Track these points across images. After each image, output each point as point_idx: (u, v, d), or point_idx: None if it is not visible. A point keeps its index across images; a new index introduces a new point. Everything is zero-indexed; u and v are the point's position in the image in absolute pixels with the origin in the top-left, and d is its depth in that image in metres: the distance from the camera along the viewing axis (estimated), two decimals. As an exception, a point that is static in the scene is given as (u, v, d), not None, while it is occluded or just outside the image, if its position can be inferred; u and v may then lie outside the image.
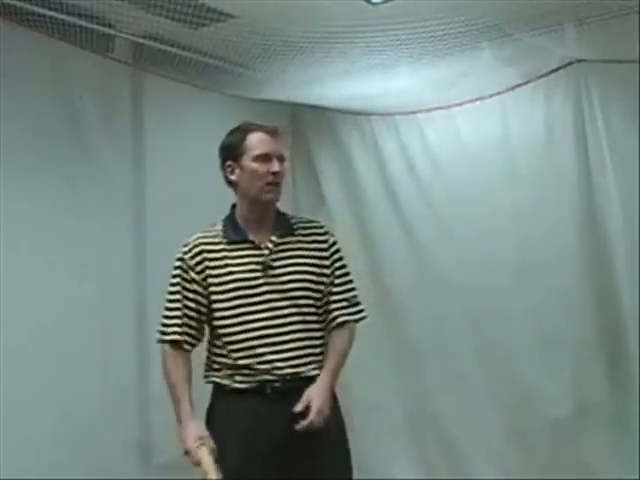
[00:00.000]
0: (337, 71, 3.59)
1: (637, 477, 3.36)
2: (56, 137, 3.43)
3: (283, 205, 2.44)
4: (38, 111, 3.35)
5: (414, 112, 4.19)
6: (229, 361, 2.26)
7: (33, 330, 3.23)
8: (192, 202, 3.85)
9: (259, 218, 2.29)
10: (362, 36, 3.14)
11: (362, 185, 4.41)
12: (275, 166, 2.25)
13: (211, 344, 2.36)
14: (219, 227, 2.34)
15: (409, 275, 4.24)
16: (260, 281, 2.23)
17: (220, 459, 2.17)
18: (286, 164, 2.39)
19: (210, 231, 2.34)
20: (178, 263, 2.34)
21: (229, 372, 2.26)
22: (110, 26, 3.28)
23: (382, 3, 3.16)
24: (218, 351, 2.31)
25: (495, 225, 3.89)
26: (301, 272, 2.26)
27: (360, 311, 2.37)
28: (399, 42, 3.22)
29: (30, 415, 3.17)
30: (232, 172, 2.31)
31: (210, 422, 2.29)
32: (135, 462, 3.58)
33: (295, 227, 2.35)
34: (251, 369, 2.22)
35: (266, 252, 2.25)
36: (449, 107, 4.09)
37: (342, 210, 4.39)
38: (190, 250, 2.32)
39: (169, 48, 3.45)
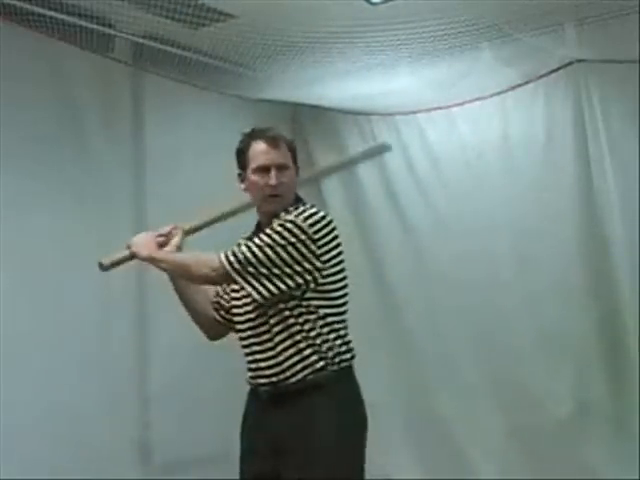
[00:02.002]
0: (337, 71, 3.59)
1: (637, 477, 3.36)
2: (56, 137, 3.43)
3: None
4: (38, 111, 3.35)
5: (414, 112, 4.20)
6: None
7: (33, 330, 3.24)
8: (192, 202, 3.84)
9: (266, 224, 2.27)
10: (362, 36, 3.14)
11: (362, 185, 4.42)
12: (272, 179, 2.20)
13: None
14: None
15: (409, 274, 4.24)
16: (243, 292, 2.21)
17: None
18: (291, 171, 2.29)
19: None
20: None
21: None
22: (110, 26, 3.28)
23: (382, 3, 3.16)
24: None
25: (495, 224, 3.90)
26: None
27: (227, 255, 2.15)
28: (399, 42, 3.22)
29: (29, 415, 3.17)
30: (242, 181, 2.31)
31: None
32: (135, 462, 3.58)
33: None
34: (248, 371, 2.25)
35: None
36: (449, 107, 4.09)
37: (342, 210, 4.40)
38: None
39: (169, 48, 3.45)
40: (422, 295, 4.18)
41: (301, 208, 2.19)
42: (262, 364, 2.17)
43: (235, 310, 2.27)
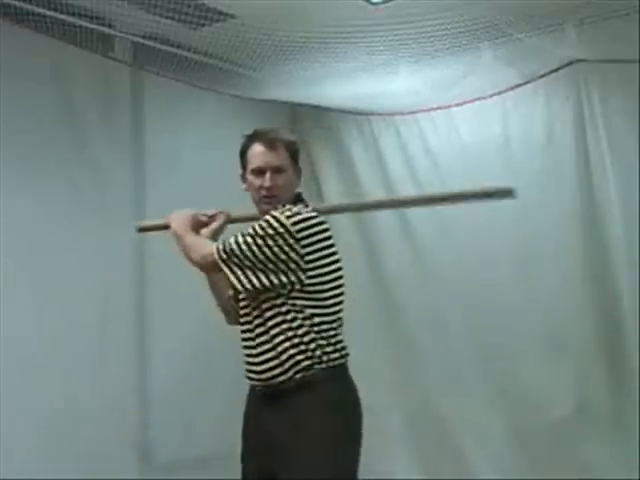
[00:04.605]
0: (337, 71, 3.59)
1: (637, 477, 3.36)
2: (56, 137, 3.43)
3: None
4: (38, 111, 3.36)
5: (414, 112, 4.20)
6: None
7: (32, 329, 3.24)
8: (192, 202, 3.84)
9: None
10: (362, 36, 3.14)
11: (362, 185, 4.42)
12: (266, 181, 2.24)
13: None
14: None
15: (409, 274, 4.24)
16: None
17: None
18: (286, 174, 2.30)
19: None
20: None
21: None
22: (110, 26, 3.28)
23: (382, 3, 3.16)
24: None
25: (495, 224, 3.89)
26: None
27: (217, 246, 2.19)
28: (399, 42, 3.22)
29: (29, 414, 3.17)
30: (243, 181, 2.36)
31: None
32: (135, 462, 3.58)
33: None
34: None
35: None
36: (449, 107, 4.09)
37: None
38: None
39: (169, 48, 3.45)
40: (422, 295, 4.18)
41: (288, 206, 2.21)
42: (253, 360, 2.19)
43: (240, 304, 2.28)
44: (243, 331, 2.24)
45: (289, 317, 2.14)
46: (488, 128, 3.98)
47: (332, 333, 2.18)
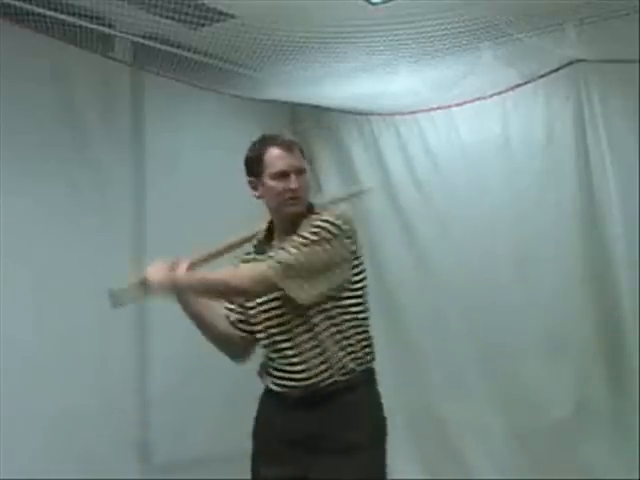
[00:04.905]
0: (337, 71, 3.59)
1: (637, 477, 3.36)
2: (56, 137, 3.43)
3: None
4: (38, 111, 3.35)
5: (414, 112, 4.20)
6: None
7: (32, 329, 3.24)
8: (192, 202, 3.85)
9: (285, 228, 2.28)
10: (362, 36, 3.14)
11: (362, 185, 4.41)
12: (292, 183, 2.23)
13: None
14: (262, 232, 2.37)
15: (409, 274, 4.24)
16: (272, 295, 2.21)
17: None
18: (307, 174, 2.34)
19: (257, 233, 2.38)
20: None
21: None
22: (110, 26, 3.28)
23: (382, 3, 3.16)
24: None
25: (495, 224, 3.90)
26: None
27: (270, 266, 2.12)
28: (399, 42, 3.22)
29: (29, 414, 3.17)
30: (255, 188, 2.31)
31: None
32: (135, 462, 3.57)
33: None
34: None
35: None
36: (449, 107, 4.09)
37: (342, 210, 4.39)
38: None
39: (169, 48, 3.45)
40: (423, 296, 4.18)
41: (328, 210, 2.27)
42: (294, 367, 2.18)
43: (261, 317, 2.26)
44: (277, 342, 2.21)
45: (338, 320, 2.19)
46: (488, 128, 3.99)
47: (369, 330, 2.28)
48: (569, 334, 3.70)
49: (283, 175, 2.23)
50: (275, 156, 2.25)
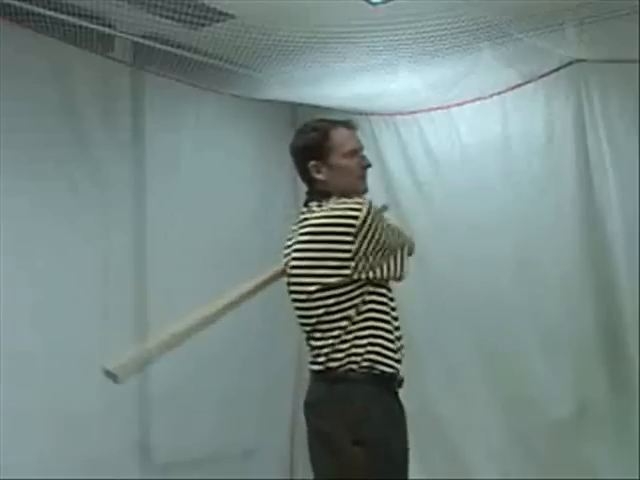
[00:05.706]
0: (337, 71, 3.59)
1: (637, 477, 3.36)
2: (56, 137, 3.43)
3: (285, 205, 2.43)
4: (38, 111, 3.36)
5: (414, 112, 4.20)
6: None
7: (33, 329, 3.24)
8: (192, 201, 3.86)
9: None
10: (362, 36, 3.14)
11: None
12: (366, 159, 2.35)
13: None
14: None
15: (408, 274, 4.23)
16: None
17: None
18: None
19: None
20: None
21: None
22: (110, 26, 3.28)
23: (382, 3, 3.16)
24: None
25: (495, 224, 3.90)
26: None
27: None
28: (399, 42, 3.22)
29: (29, 414, 3.17)
30: (318, 171, 2.29)
31: None
32: (135, 462, 3.58)
33: None
34: None
35: None
36: (449, 107, 4.09)
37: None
38: None
39: (169, 48, 3.45)
40: (422, 296, 4.17)
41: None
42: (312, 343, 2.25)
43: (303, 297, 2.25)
44: (324, 321, 2.25)
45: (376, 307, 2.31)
46: (488, 128, 3.98)
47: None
48: (569, 334, 3.70)
49: (355, 153, 2.31)
50: (345, 136, 2.31)
